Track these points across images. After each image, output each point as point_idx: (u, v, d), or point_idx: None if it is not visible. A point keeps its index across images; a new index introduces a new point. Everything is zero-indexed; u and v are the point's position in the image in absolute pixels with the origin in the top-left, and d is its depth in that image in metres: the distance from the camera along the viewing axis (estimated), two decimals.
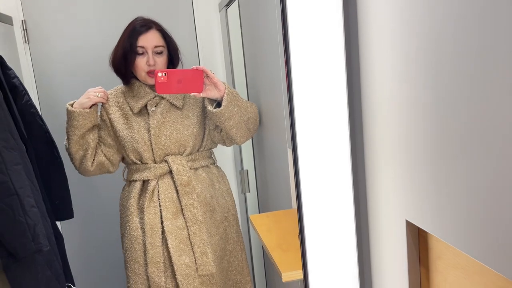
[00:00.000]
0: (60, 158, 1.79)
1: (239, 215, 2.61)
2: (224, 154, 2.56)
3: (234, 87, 2.27)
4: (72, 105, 1.60)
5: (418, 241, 0.65)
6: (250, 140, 2.07)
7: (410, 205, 0.63)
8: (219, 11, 2.38)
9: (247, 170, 2.32)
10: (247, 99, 1.70)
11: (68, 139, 1.64)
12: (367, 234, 0.77)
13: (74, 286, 1.75)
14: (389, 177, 0.69)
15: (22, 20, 2.18)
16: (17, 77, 1.65)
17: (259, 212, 2.05)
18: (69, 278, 1.73)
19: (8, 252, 1.36)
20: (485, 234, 0.48)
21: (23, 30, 2.18)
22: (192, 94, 1.48)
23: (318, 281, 0.81)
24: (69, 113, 1.58)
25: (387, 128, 0.69)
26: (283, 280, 0.94)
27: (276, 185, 1.57)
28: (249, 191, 2.34)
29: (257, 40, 1.62)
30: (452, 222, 0.54)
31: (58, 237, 1.65)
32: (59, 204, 1.75)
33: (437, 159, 0.56)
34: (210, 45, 2.44)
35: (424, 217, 0.60)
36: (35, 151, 1.65)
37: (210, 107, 1.54)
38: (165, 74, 1.43)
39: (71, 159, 1.69)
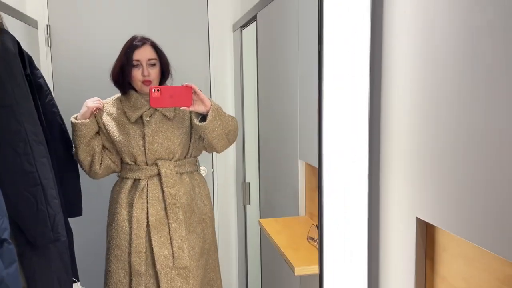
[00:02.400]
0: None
1: (236, 225, 2.70)
2: (227, 167, 2.65)
3: (243, 99, 2.38)
4: (76, 118, 1.79)
5: (425, 235, 0.76)
6: (256, 152, 2.17)
7: (421, 203, 0.74)
8: (233, 31, 2.52)
9: (249, 183, 2.42)
10: (236, 113, 1.85)
11: (75, 148, 1.81)
12: (377, 230, 0.87)
13: (78, 281, 1.81)
14: (400, 178, 0.80)
15: (46, 25, 2.29)
16: (42, 77, 1.75)
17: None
18: (74, 272, 1.80)
19: (26, 240, 1.43)
20: (489, 223, 0.58)
21: (47, 34, 2.29)
22: (182, 108, 1.67)
23: (331, 273, 0.91)
24: (73, 125, 1.77)
25: (402, 129, 0.81)
26: (296, 274, 1.03)
27: (283, 194, 1.67)
28: (249, 203, 2.43)
29: (274, 60, 1.75)
30: (459, 215, 0.64)
31: (68, 232, 1.72)
32: (70, 201, 1.83)
33: (446, 160, 0.67)
34: (221, 63, 2.57)
35: (434, 213, 0.70)
36: (53, 148, 1.73)
37: (196, 120, 1.75)
38: (158, 90, 1.62)
39: (81, 166, 1.85)
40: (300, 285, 1.41)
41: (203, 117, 1.72)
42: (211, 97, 2.59)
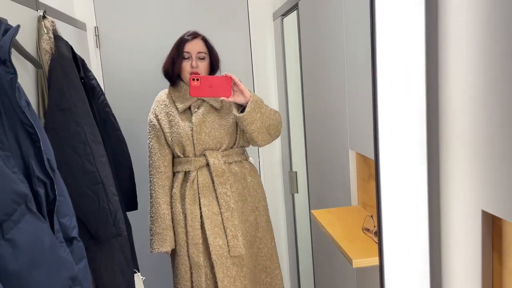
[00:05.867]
0: (129, 154, 1.95)
1: (285, 215, 2.72)
2: (273, 156, 2.67)
3: (286, 89, 2.38)
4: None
5: (492, 228, 0.74)
6: (303, 142, 2.17)
7: (486, 195, 0.72)
8: (273, 20, 2.51)
9: (296, 171, 2.42)
10: (277, 107, 1.86)
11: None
12: (439, 223, 0.86)
13: (138, 271, 1.90)
14: (465, 170, 0.78)
15: (94, 27, 2.37)
16: (95, 78, 1.82)
17: (310, 212, 2.15)
18: (135, 264, 1.89)
19: (90, 235, 1.51)
20: None
21: (95, 36, 2.37)
22: (221, 98, 1.68)
23: (391, 267, 0.91)
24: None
25: (463, 118, 0.78)
26: (354, 266, 1.03)
27: (333, 184, 1.66)
28: (297, 192, 2.44)
29: (318, 48, 1.73)
30: None
31: (127, 225, 1.80)
32: (126, 196, 1.91)
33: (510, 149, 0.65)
34: (262, 53, 2.57)
35: (502, 206, 0.68)
36: (108, 147, 1.81)
37: (235, 111, 1.77)
38: (198, 80, 1.64)
39: None
40: (355, 277, 1.41)
41: (243, 109, 1.73)
42: (254, 88, 2.60)
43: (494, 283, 0.76)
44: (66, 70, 1.48)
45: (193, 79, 1.64)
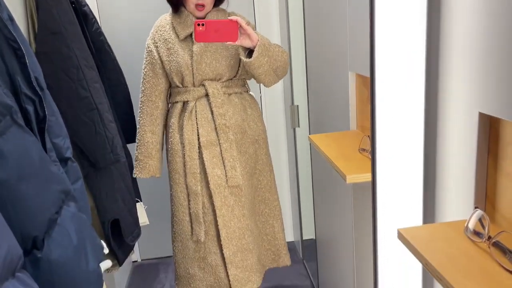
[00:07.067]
0: (126, 85, 1.92)
1: (287, 149, 2.72)
2: (275, 91, 2.63)
3: (288, 17, 2.29)
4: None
5: (489, 131, 0.71)
6: (304, 75, 2.12)
7: (482, 97, 0.69)
8: None
9: (297, 105, 2.39)
10: (282, 47, 1.77)
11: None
12: (435, 129, 0.83)
13: (141, 201, 1.93)
14: (461, 73, 0.74)
15: None
16: (87, 5, 1.75)
17: (310, 145, 2.14)
18: (137, 194, 1.91)
19: (89, 162, 1.51)
20: None
21: None
22: (228, 43, 1.61)
23: (384, 176, 0.89)
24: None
25: (458, 24, 0.73)
26: (347, 182, 1.02)
27: (333, 110, 1.63)
28: (298, 126, 2.42)
29: None
30: None
31: (127, 155, 1.80)
32: (125, 127, 1.90)
33: (507, 46, 0.61)
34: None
35: (499, 105, 0.65)
36: (104, 76, 1.77)
37: (242, 56, 1.70)
38: (203, 24, 1.56)
39: None
40: (352, 197, 1.42)
41: (250, 52, 1.67)
42: (255, 19, 2.51)
43: (487, 187, 0.75)
44: None
45: (198, 24, 1.56)
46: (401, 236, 0.74)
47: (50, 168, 0.93)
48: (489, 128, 0.72)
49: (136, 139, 1.89)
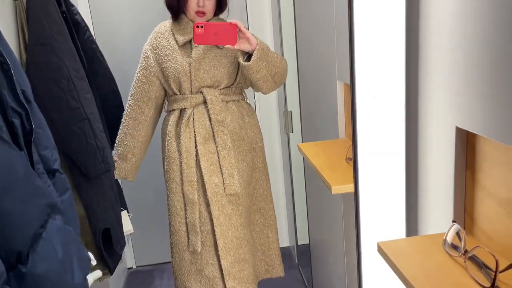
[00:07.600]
0: (118, 92, 1.92)
1: (281, 155, 2.72)
2: (268, 95, 2.63)
3: (280, 25, 2.29)
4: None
5: (466, 145, 0.72)
6: (296, 80, 2.12)
7: (460, 112, 0.69)
8: None
9: (291, 111, 2.40)
10: (280, 54, 1.77)
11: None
12: (416, 142, 0.84)
13: (126, 209, 1.92)
14: (440, 88, 0.74)
15: None
16: (79, 13, 1.75)
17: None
18: (123, 203, 1.91)
19: (80, 172, 1.52)
20: None
21: None
22: (226, 46, 1.61)
23: (366, 190, 0.90)
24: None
25: (438, 37, 0.74)
26: (333, 193, 1.03)
27: (323, 118, 1.64)
28: (292, 132, 2.43)
29: None
30: (503, 121, 0.60)
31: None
32: (115, 134, 1.90)
33: (485, 64, 0.61)
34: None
35: (475, 121, 0.66)
36: (95, 84, 1.77)
37: (241, 60, 1.68)
38: (202, 27, 1.55)
39: None
40: (342, 204, 1.42)
41: (249, 57, 1.66)
42: (248, 24, 2.51)
43: (466, 201, 0.75)
44: (45, 2, 1.42)
45: (197, 26, 1.55)
46: (380, 250, 0.74)
47: (35, 182, 0.93)
48: (466, 142, 0.72)
49: (116, 139, 1.87)
